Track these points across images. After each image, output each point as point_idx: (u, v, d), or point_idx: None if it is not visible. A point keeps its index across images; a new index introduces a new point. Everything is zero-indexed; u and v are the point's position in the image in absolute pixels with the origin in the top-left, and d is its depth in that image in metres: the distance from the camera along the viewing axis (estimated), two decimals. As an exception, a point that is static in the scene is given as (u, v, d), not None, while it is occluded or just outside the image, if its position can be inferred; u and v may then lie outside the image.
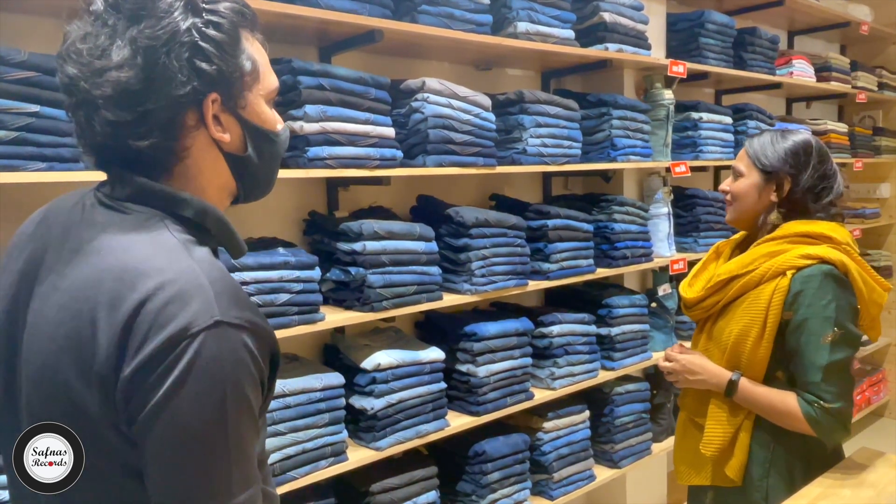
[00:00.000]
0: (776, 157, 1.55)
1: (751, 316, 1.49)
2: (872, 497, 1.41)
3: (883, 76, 4.21)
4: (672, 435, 2.85)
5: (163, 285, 0.70)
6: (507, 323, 2.22)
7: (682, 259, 2.78)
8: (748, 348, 1.50)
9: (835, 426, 1.43)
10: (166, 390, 0.67)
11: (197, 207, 0.80)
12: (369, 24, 1.83)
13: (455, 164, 2.03)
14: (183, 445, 0.69)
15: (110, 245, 0.75)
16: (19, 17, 1.60)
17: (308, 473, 1.77)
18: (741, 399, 1.51)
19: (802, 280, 1.45)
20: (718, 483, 1.59)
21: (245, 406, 0.72)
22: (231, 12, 0.80)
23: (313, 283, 1.78)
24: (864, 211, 4.15)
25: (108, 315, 0.70)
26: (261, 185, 0.91)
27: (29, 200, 1.46)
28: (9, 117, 1.35)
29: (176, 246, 0.75)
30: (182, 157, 0.80)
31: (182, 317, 0.68)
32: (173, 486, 0.70)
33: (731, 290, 1.54)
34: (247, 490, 0.72)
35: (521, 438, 2.27)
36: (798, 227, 1.52)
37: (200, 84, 0.77)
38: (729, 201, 1.62)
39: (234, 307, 0.72)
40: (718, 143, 2.99)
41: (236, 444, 0.71)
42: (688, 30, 2.95)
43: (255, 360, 0.73)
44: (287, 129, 0.92)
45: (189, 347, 0.68)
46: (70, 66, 0.76)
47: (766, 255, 1.51)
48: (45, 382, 0.74)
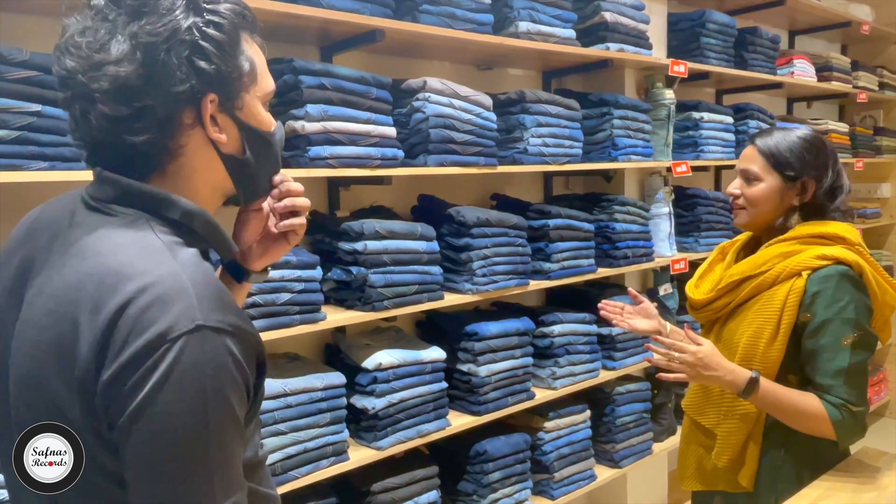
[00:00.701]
0: (797, 160, 1.49)
1: (764, 317, 1.45)
2: (874, 497, 1.41)
3: (884, 76, 4.21)
4: (673, 435, 2.86)
5: (144, 288, 0.69)
6: (508, 322, 2.22)
7: (683, 259, 2.78)
8: (761, 350, 1.45)
9: (856, 429, 1.40)
10: (145, 395, 0.66)
11: (183, 209, 0.79)
12: (371, 23, 1.83)
13: (456, 163, 2.03)
14: (162, 452, 0.67)
15: (95, 248, 0.74)
16: (21, 16, 1.60)
17: (309, 473, 1.77)
18: (759, 399, 1.40)
19: (819, 281, 1.42)
20: (726, 489, 1.56)
21: (227, 412, 0.70)
22: (232, 13, 0.80)
23: (314, 282, 1.78)
24: (865, 211, 4.15)
25: (89, 319, 0.69)
26: (259, 186, 0.91)
27: (30, 200, 1.46)
28: (10, 116, 1.35)
29: (160, 248, 0.74)
30: (176, 155, 0.80)
31: (163, 321, 0.67)
32: (152, 492, 0.68)
33: (744, 291, 1.50)
34: (229, 497, 0.71)
35: (522, 438, 2.27)
36: (812, 227, 1.48)
37: (199, 83, 0.77)
38: (741, 206, 1.54)
39: (218, 311, 0.71)
40: (719, 142, 2.99)
41: (218, 451, 0.70)
42: (689, 29, 2.95)
43: (238, 366, 0.71)
44: (281, 128, 0.92)
45: (169, 352, 0.67)
46: (68, 59, 0.75)
47: (780, 256, 1.47)
48: (30, 388, 0.74)
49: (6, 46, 1.37)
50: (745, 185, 1.54)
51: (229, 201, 0.90)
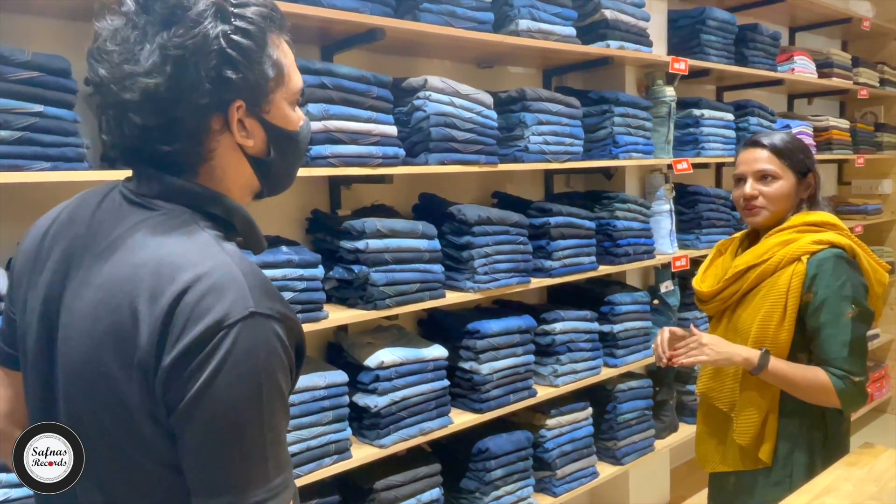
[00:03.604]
0: (806, 157, 1.64)
1: (771, 302, 1.56)
2: (875, 493, 1.42)
3: (884, 72, 4.20)
4: (675, 431, 2.87)
5: (199, 278, 0.72)
6: (509, 320, 2.22)
7: (685, 256, 2.78)
8: (771, 332, 1.55)
9: (859, 397, 1.52)
10: (205, 379, 0.69)
11: (226, 206, 0.82)
12: (371, 22, 1.83)
13: (457, 161, 2.03)
14: (222, 432, 0.70)
15: (144, 241, 0.76)
16: (23, 17, 1.60)
17: (312, 471, 1.77)
18: (770, 374, 1.53)
19: (817, 264, 1.53)
20: (745, 467, 1.64)
21: (278, 393, 0.74)
22: (259, 17, 0.80)
23: (316, 281, 1.79)
24: (867, 207, 4.14)
25: (148, 307, 0.71)
26: (283, 181, 0.93)
27: (33, 200, 1.47)
28: (13, 117, 1.35)
29: (209, 241, 0.77)
30: (207, 159, 0.82)
31: (218, 308, 0.70)
32: (213, 472, 0.71)
33: (749, 279, 1.60)
34: (281, 474, 0.74)
35: (524, 435, 2.27)
36: (805, 217, 1.61)
37: (226, 92, 0.78)
38: (759, 205, 1.62)
39: (266, 299, 0.74)
40: (720, 139, 2.99)
41: (271, 431, 0.73)
42: (689, 26, 2.95)
43: (285, 349, 0.75)
44: (308, 123, 0.92)
45: (226, 338, 0.70)
46: (100, 67, 0.77)
47: (780, 244, 1.58)
48: (86, 376, 0.75)
49: (8, 47, 1.38)
50: (761, 185, 1.63)
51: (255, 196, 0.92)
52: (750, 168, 1.64)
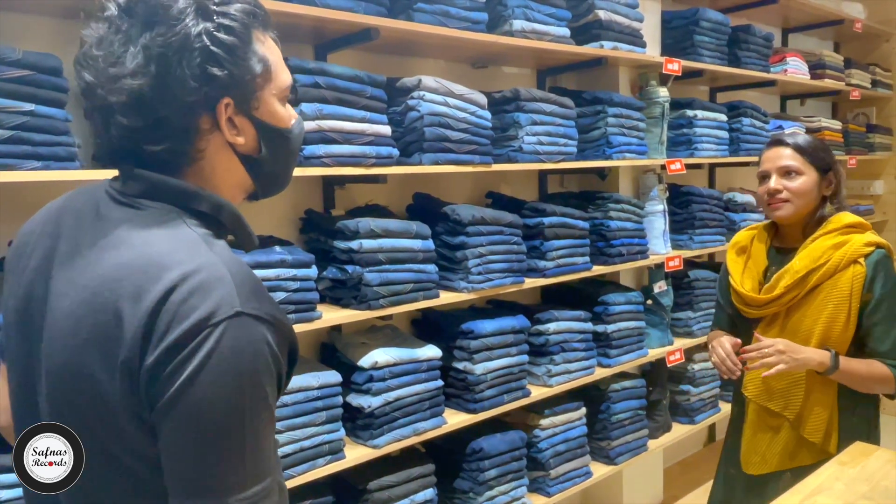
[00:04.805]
0: (827, 155, 1.72)
1: (834, 303, 1.65)
2: (866, 492, 1.42)
3: (876, 73, 4.23)
4: (668, 431, 2.87)
5: (186, 276, 0.71)
6: (503, 320, 2.22)
7: (678, 256, 2.79)
8: (837, 332, 1.64)
9: None
10: (186, 377, 0.68)
11: (212, 202, 0.81)
12: (365, 21, 1.83)
13: (451, 162, 2.03)
14: (199, 432, 0.69)
15: (129, 240, 0.76)
16: (14, 15, 1.59)
17: (306, 472, 1.77)
18: (841, 373, 1.61)
19: (873, 265, 1.65)
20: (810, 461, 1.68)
21: (261, 398, 0.72)
22: (242, 14, 0.80)
23: (310, 281, 1.78)
24: (858, 208, 4.16)
25: (132, 307, 0.71)
26: (278, 181, 0.92)
27: (25, 199, 1.46)
28: (4, 116, 1.35)
29: (196, 239, 0.76)
30: (197, 159, 0.81)
31: (204, 307, 0.70)
32: (186, 472, 0.70)
33: (809, 283, 1.67)
34: (259, 483, 0.72)
35: (517, 435, 2.27)
36: (844, 218, 1.71)
37: (212, 89, 0.78)
38: (785, 199, 1.70)
39: (255, 300, 0.73)
40: (713, 140, 3.00)
41: (252, 436, 0.72)
42: (683, 27, 2.96)
43: (273, 354, 0.73)
44: (301, 122, 0.92)
45: (210, 336, 0.69)
46: (86, 72, 0.77)
47: (833, 247, 1.66)
48: (69, 376, 0.75)
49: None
50: (785, 180, 1.70)
51: (249, 197, 0.91)
52: (774, 164, 1.72)
